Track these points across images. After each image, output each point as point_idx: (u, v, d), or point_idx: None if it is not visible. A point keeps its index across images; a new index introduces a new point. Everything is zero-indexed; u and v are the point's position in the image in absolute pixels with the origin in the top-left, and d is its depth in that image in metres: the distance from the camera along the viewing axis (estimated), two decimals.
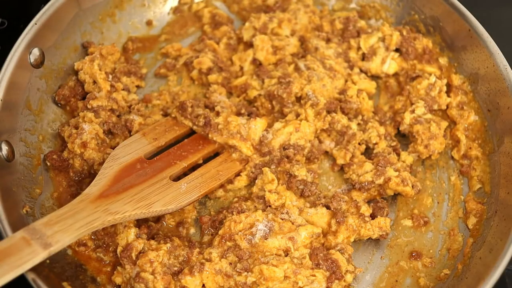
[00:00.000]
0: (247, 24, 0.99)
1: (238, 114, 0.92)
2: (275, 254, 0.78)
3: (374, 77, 0.99)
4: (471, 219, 0.87)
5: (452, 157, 0.93)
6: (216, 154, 0.89)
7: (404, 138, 0.94)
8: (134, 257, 0.77)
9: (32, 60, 0.85)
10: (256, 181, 0.87)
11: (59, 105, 0.91)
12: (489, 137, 0.90)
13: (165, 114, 0.93)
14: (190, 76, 0.98)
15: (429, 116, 0.92)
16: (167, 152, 0.86)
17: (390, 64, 0.97)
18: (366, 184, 0.86)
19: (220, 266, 0.76)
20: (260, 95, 0.93)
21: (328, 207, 0.85)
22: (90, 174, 0.86)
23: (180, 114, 0.90)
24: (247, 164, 0.88)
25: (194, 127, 0.89)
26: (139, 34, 1.01)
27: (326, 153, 0.92)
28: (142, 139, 0.86)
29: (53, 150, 0.88)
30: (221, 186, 0.87)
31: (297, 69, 0.94)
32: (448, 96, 0.94)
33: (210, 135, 0.88)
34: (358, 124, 0.91)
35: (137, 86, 0.97)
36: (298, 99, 0.92)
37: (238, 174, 0.88)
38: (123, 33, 1.00)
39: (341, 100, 0.92)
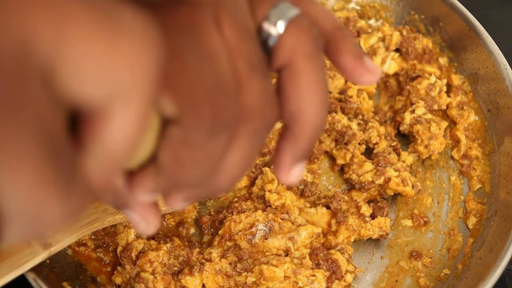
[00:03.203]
0: None
1: None
2: (275, 254, 0.78)
3: None
4: (471, 219, 0.87)
5: (452, 157, 0.93)
6: None
7: (404, 138, 0.94)
8: (134, 257, 0.77)
9: None
10: (256, 181, 0.87)
11: None
12: (489, 137, 0.90)
13: None
14: None
15: (429, 116, 0.92)
16: None
17: (390, 64, 0.97)
18: (366, 184, 0.86)
19: (220, 266, 0.76)
20: None
21: (328, 207, 0.85)
22: None
23: None
24: None
25: None
26: None
27: (326, 153, 0.92)
28: None
29: None
30: None
31: None
32: (448, 96, 0.94)
33: None
34: (358, 124, 0.91)
35: None
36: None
37: None
38: None
39: (341, 100, 0.92)
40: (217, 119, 0.39)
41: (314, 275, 0.77)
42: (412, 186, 0.87)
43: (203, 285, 0.76)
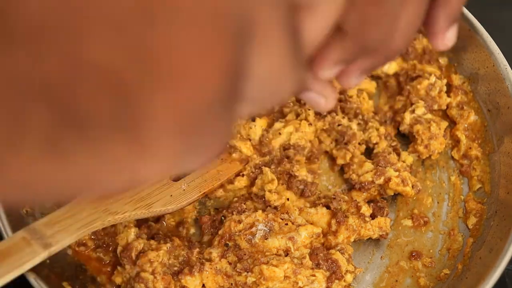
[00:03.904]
0: None
1: None
2: (275, 254, 0.78)
3: (374, 77, 0.98)
4: (471, 219, 0.87)
5: (452, 157, 0.93)
6: None
7: (404, 138, 0.94)
8: (134, 257, 0.77)
9: None
10: (256, 181, 0.87)
11: None
12: (489, 137, 0.90)
13: None
14: None
15: (429, 116, 0.92)
16: None
17: (390, 64, 0.97)
18: (366, 184, 0.86)
19: (220, 266, 0.76)
20: None
21: (328, 207, 0.85)
22: None
23: None
24: (247, 164, 0.88)
25: None
26: None
27: (326, 153, 0.92)
28: None
29: None
30: (221, 186, 0.87)
31: None
32: (448, 96, 0.94)
33: None
34: (358, 124, 0.91)
35: None
36: (298, 99, 0.92)
37: (238, 174, 0.88)
38: None
39: (341, 100, 0.92)
40: None
41: (314, 275, 0.77)
42: (412, 186, 0.87)
43: (203, 285, 0.76)
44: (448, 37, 0.57)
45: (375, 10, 0.46)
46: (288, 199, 0.84)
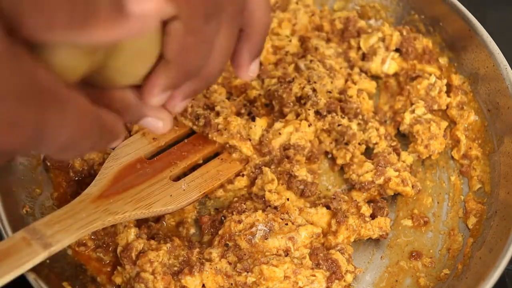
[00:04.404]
0: None
1: (238, 114, 0.92)
2: (275, 254, 0.78)
3: (374, 77, 0.99)
4: (471, 219, 0.87)
5: (452, 157, 0.93)
6: (216, 154, 0.89)
7: (404, 138, 0.94)
8: (134, 257, 0.77)
9: None
10: (256, 181, 0.87)
11: None
12: (489, 137, 0.90)
13: None
14: None
15: (429, 116, 0.92)
16: (167, 152, 0.86)
17: (390, 64, 0.97)
18: (366, 184, 0.86)
19: (220, 266, 0.76)
20: (260, 95, 0.93)
21: (328, 207, 0.85)
22: (90, 174, 0.86)
23: (180, 114, 0.90)
24: (247, 164, 0.88)
25: (194, 127, 0.89)
26: None
27: (326, 153, 0.92)
28: (142, 139, 0.86)
29: None
30: (221, 186, 0.87)
31: (297, 69, 0.94)
32: (448, 96, 0.94)
33: (210, 135, 0.88)
34: (358, 124, 0.91)
35: None
36: (298, 99, 0.92)
37: (238, 174, 0.88)
38: None
39: (341, 100, 0.92)
40: (207, 7, 0.49)
41: (314, 275, 0.77)
42: (412, 186, 0.87)
43: (203, 285, 0.76)
44: (251, 69, 0.63)
45: (192, 39, 0.50)
46: (288, 199, 0.84)
